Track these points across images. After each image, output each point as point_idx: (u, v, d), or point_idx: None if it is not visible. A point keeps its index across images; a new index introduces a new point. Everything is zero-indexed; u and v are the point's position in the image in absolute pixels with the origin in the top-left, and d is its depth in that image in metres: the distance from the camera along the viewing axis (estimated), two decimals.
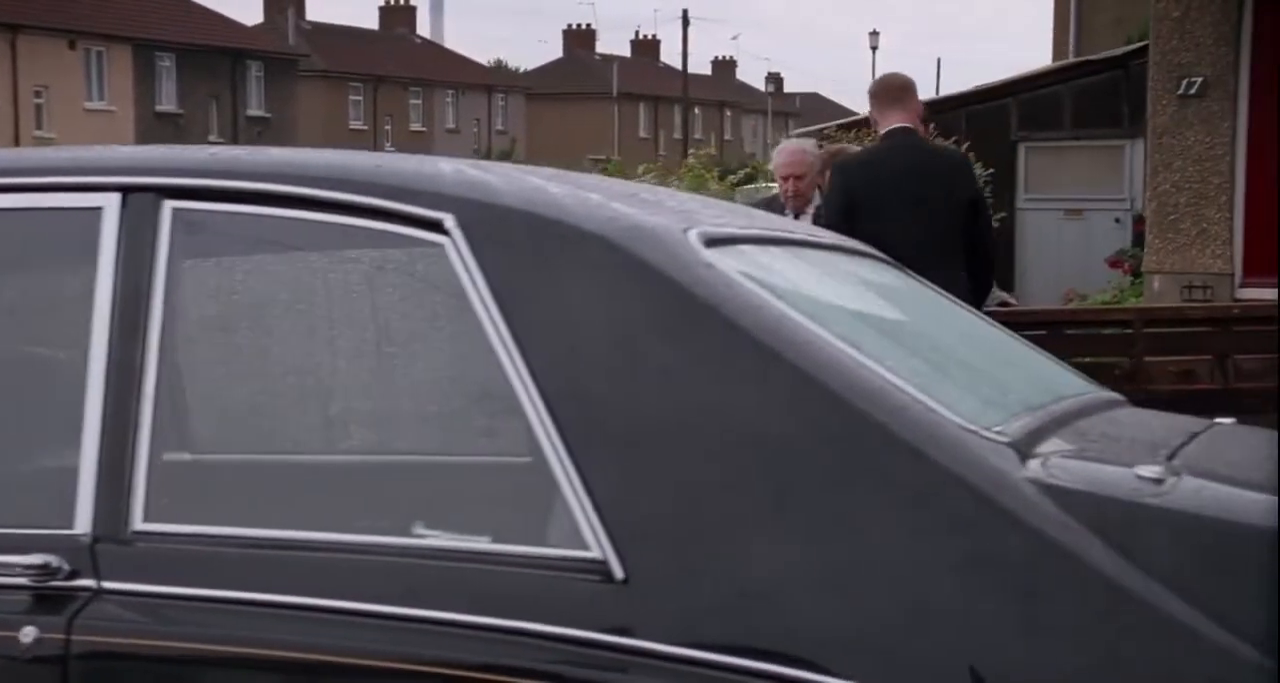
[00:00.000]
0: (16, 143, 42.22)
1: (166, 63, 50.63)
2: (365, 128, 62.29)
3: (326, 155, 2.61)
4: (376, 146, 60.42)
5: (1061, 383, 3.01)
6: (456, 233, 2.35)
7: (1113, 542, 2.15)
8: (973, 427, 2.25)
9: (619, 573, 2.21)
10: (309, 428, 2.62)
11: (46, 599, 2.37)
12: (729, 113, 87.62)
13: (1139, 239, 13.13)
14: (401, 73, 65.01)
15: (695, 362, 2.28)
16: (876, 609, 2.16)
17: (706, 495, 2.23)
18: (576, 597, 2.22)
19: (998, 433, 2.28)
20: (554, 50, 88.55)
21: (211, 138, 50.16)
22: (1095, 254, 15.51)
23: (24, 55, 45.56)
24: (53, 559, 2.36)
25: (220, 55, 52.38)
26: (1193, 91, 12.22)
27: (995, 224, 8.45)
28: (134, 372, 2.41)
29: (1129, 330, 7.24)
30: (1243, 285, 12.23)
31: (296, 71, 56.84)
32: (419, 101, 66.73)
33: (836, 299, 2.70)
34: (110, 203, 2.50)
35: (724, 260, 2.40)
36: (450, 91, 69.06)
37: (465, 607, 2.24)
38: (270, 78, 55.00)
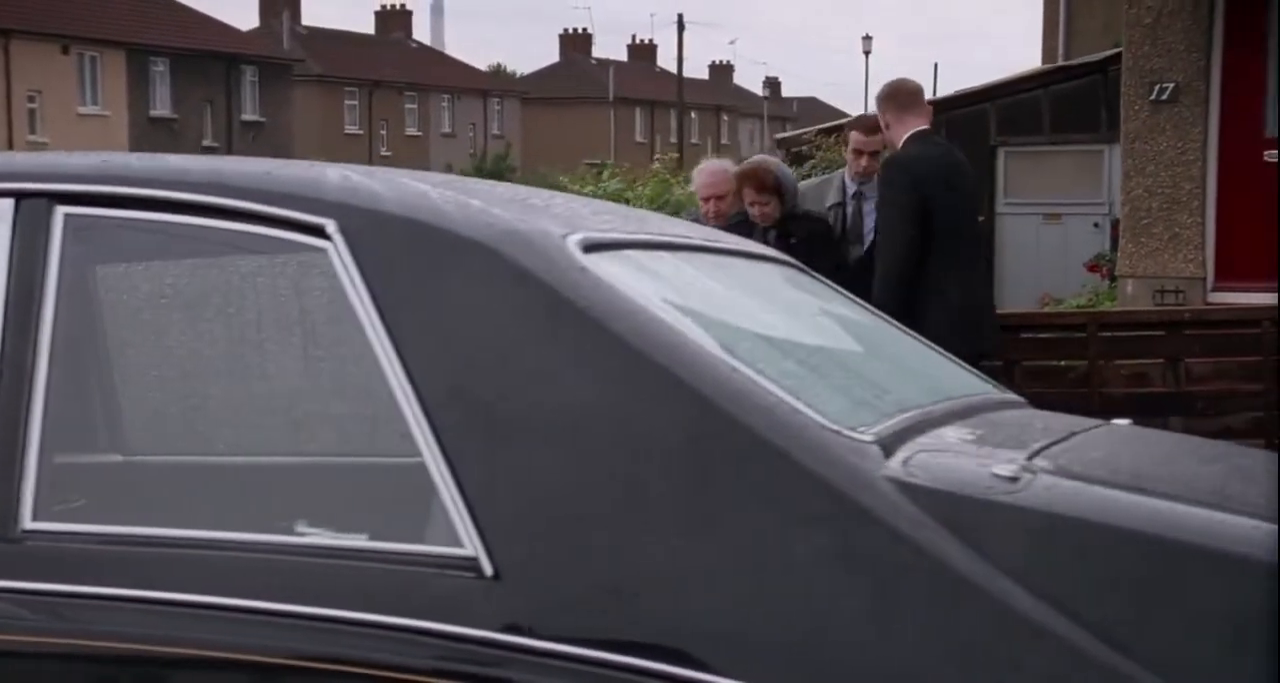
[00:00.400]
0: (10, 147, 42.24)
1: (160, 68, 50.67)
2: (361, 132, 62.36)
3: (217, 162, 2.69)
4: (372, 151, 60.49)
5: (953, 384, 3.08)
6: (338, 238, 2.43)
7: (965, 537, 2.23)
8: (836, 427, 2.33)
9: (489, 569, 2.28)
10: (198, 429, 2.69)
11: None
12: (726, 117, 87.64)
13: (1117, 244, 13.19)
14: (397, 77, 65.07)
15: (565, 363, 2.36)
16: (736, 604, 2.23)
17: (574, 494, 2.31)
18: (450, 593, 2.29)
19: (863, 433, 2.36)
20: (551, 54, 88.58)
21: (206, 143, 50.24)
22: (1074, 258, 15.57)
23: (17, 60, 45.60)
24: None
25: (214, 60, 52.42)
26: (1164, 97, 12.29)
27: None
28: (24, 373, 2.49)
29: (1083, 334, 7.32)
30: (1214, 290, 12.30)
31: (291, 76, 56.89)
32: (414, 106, 66.77)
33: (719, 303, 2.78)
34: (4, 208, 2.58)
35: (601, 265, 2.48)
36: (446, 96, 69.11)
37: (344, 603, 2.32)
38: (265, 82, 55.04)
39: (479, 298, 2.41)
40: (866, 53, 62.82)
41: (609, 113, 75.79)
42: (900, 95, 6.70)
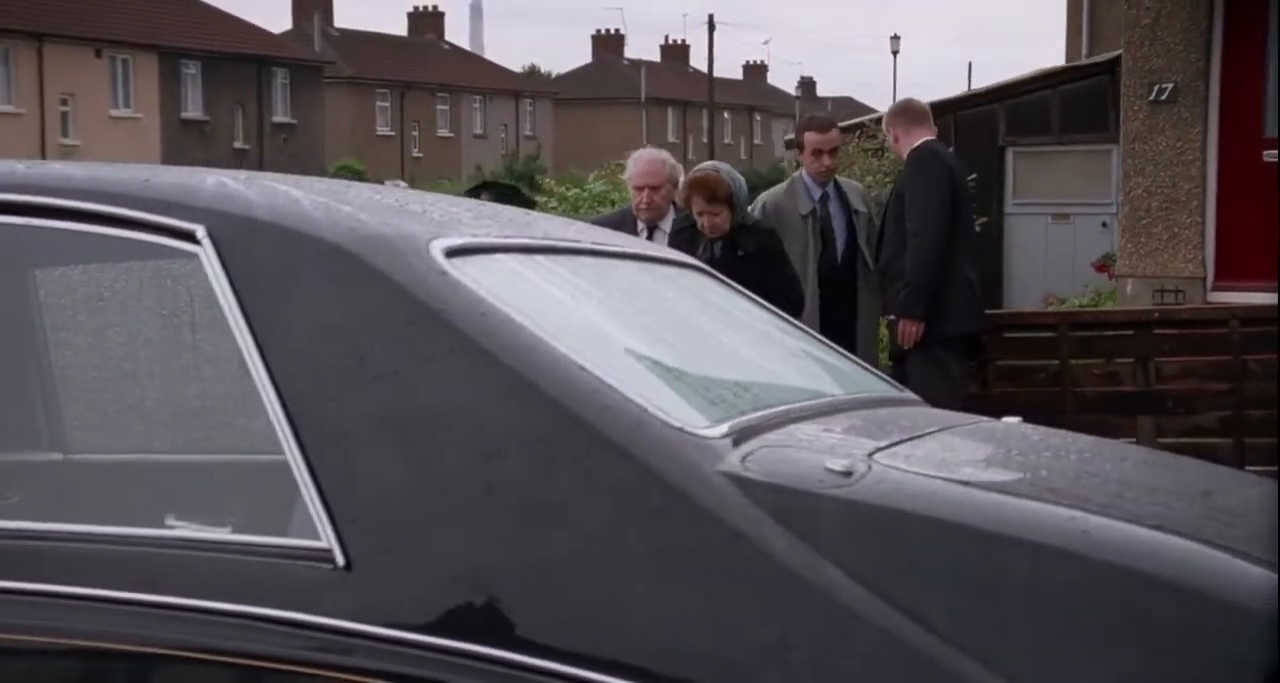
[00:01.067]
0: (43, 151, 42.61)
1: (192, 70, 51.02)
2: (392, 133, 62.62)
3: (98, 169, 2.80)
4: (404, 152, 60.72)
5: (838, 384, 3.18)
6: (207, 243, 2.55)
7: (794, 528, 2.33)
8: (679, 424, 2.43)
9: (340, 560, 2.40)
10: (74, 427, 2.81)
11: None
12: (759, 117, 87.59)
13: None
14: (429, 79, 65.33)
15: (417, 363, 2.47)
16: (575, 594, 2.34)
17: (424, 489, 2.42)
18: (305, 583, 2.41)
19: (707, 430, 2.46)
20: (585, 56, 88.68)
21: (237, 145, 50.57)
22: (1082, 258, 15.61)
23: (50, 63, 46.02)
24: None
25: (246, 62, 52.74)
26: (1163, 98, 12.33)
27: (978, 228, 8.76)
28: None
29: (1054, 334, 7.39)
30: (1214, 289, 12.34)
31: (322, 78, 57.17)
32: (446, 107, 67.03)
33: (586, 307, 2.88)
34: None
35: (464, 269, 2.58)
36: (478, 97, 69.35)
37: (205, 593, 2.43)
38: (296, 84, 55.34)
39: (339, 300, 2.52)
40: (894, 53, 62.79)
41: (640, 113, 75.86)
42: (910, 111, 7.48)
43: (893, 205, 7.28)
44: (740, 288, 3.56)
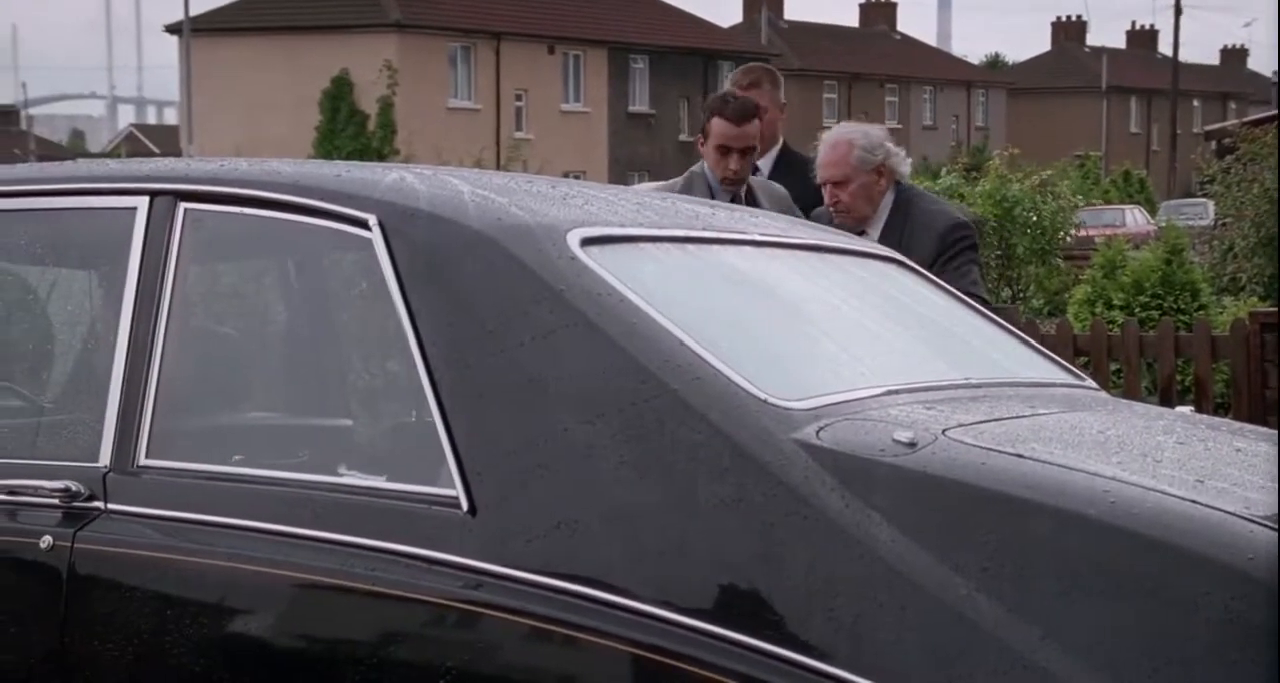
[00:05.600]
0: (497, 145, 44.84)
1: (640, 65, 52.66)
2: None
3: (302, 166, 3.25)
4: None
5: (984, 368, 3.34)
6: (376, 230, 2.95)
7: (851, 491, 2.58)
8: (763, 395, 2.71)
9: (465, 505, 2.75)
10: (266, 391, 3.25)
11: (67, 515, 3.05)
12: (1233, 105, 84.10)
13: None
14: (877, 70, 65.46)
15: (538, 337, 2.81)
16: (651, 541, 2.66)
17: (535, 446, 2.76)
18: (436, 525, 2.78)
19: (791, 402, 2.73)
20: (1045, 43, 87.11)
21: (681, 138, 51.87)
22: None
23: (506, 61, 48.37)
24: (74, 485, 3.05)
25: (693, 56, 54.07)
26: None
27: None
28: (146, 347, 3.08)
29: None
30: None
31: None
32: (895, 99, 67.03)
33: (713, 291, 3.17)
34: (142, 205, 3.19)
35: (596, 256, 2.91)
36: (928, 88, 69.09)
37: (357, 530, 2.82)
38: None
39: (478, 280, 2.89)
40: None
41: (1101, 103, 74.01)
42: None
43: None
44: (934, 279, 3.75)
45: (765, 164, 5.83)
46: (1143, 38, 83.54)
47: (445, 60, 48.25)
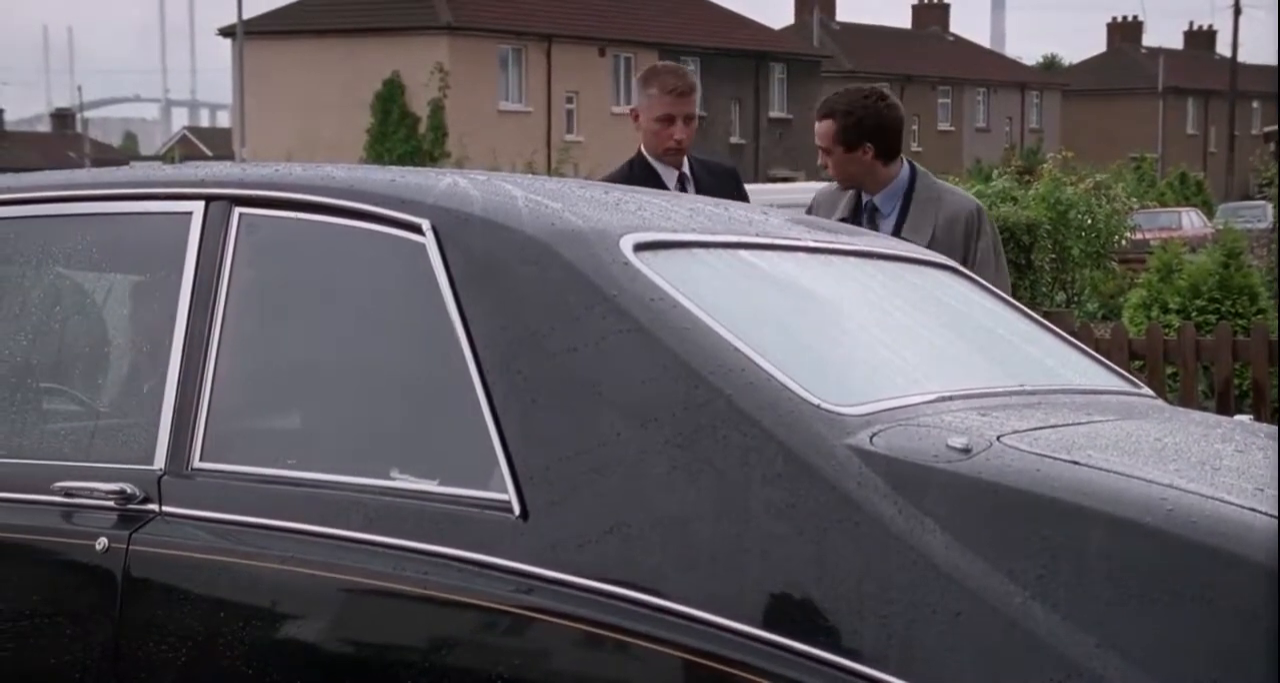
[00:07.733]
0: (548, 147, 44.92)
1: (691, 67, 51.87)
2: None
3: (355, 170, 3.26)
4: (904, 145, 60.71)
5: (1040, 375, 3.31)
6: (430, 235, 2.95)
7: (905, 497, 2.56)
8: (816, 401, 2.70)
9: (517, 510, 2.75)
10: (318, 394, 3.25)
11: (122, 518, 3.07)
12: None
13: None
14: (930, 72, 65.21)
15: (590, 341, 2.81)
16: (703, 547, 2.65)
17: (587, 451, 2.75)
18: (488, 529, 2.77)
19: (845, 408, 2.72)
20: (1100, 44, 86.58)
21: (733, 140, 51.87)
22: None
23: (558, 63, 48.42)
24: (129, 487, 3.07)
25: (744, 58, 53.98)
26: None
27: None
28: (200, 351, 3.10)
29: None
30: None
31: (820, 73, 57.91)
32: (948, 101, 66.78)
33: (768, 297, 3.15)
34: (198, 209, 3.21)
35: (650, 261, 2.90)
36: (981, 90, 68.81)
37: (409, 534, 2.82)
38: (793, 79, 56.25)
39: (531, 284, 2.89)
40: None
41: (1157, 104, 73.51)
42: None
43: None
44: (990, 286, 3.73)
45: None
46: (1201, 38, 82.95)
47: (496, 62, 48.35)
